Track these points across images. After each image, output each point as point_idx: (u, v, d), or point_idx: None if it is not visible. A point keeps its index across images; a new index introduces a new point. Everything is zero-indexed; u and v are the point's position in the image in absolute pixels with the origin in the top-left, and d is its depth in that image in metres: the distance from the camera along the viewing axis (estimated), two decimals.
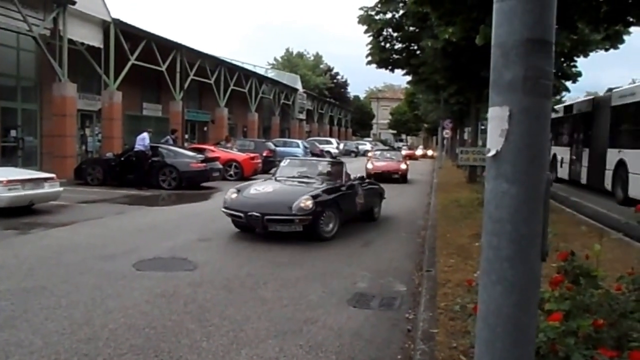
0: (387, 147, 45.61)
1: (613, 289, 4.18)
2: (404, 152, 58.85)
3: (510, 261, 2.24)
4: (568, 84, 24.92)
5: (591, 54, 19.81)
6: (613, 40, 12.56)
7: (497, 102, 2.31)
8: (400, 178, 28.11)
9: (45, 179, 14.76)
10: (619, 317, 3.80)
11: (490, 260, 2.31)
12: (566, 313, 3.48)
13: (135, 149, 21.85)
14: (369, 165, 28.76)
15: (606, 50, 15.44)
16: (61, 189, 15.21)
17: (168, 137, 27.16)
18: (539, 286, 2.47)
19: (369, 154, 37.00)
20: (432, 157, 61.55)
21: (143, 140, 21.88)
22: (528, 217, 2.24)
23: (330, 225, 12.08)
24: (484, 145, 27.08)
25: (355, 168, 21.76)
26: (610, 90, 22.63)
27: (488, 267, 2.32)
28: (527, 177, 2.24)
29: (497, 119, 2.30)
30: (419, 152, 68.81)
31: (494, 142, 2.31)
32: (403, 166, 28.94)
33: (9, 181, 13.26)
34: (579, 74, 24.67)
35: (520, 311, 2.25)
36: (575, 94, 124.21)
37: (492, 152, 2.31)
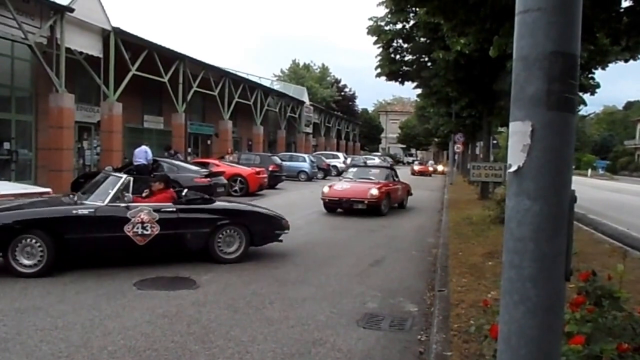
0: (362, 165, 31.87)
1: (637, 312, 4.16)
2: (416, 168, 58.95)
3: (533, 281, 2.25)
4: (585, 96, 24.94)
5: (610, 65, 19.72)
6: (633, 50, 12.52)
7: (518, 117, 2.32)
8: (367, 208, 19.96)
9: (41, 194, 14.70)
10: None
11: (512, 279, 2.31)
12: (588, 336, 3.47)
13: (136, 163, 21.91)
14: (325, 190, 21.14)
15: (626, 61, 15.35)
16: None
17: (174, 151, 27.33)
18: (564, 307, 2.47)
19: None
20: (442, 172, 61.76)
21: (145, 153, 21.98)
22: (551, 235, 2.24)
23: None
24: (496, 160, 27.30)
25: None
26: (629, 103, 22.65)
27: (510, 287, 2.32)
28: (551, 194, 2.24)
29: (518, 134, 2.31)
30: (432, 167, 66.79)
31: (516, 157, 2.32)
32: (373, 192, 20.04)
33: (1, 196, 13.18)
34: (597, 86, 24.65)
35: (544, 333, 2.25)
36: (592, 107, 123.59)
37: (514, 168, 2.32)
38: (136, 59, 29.39)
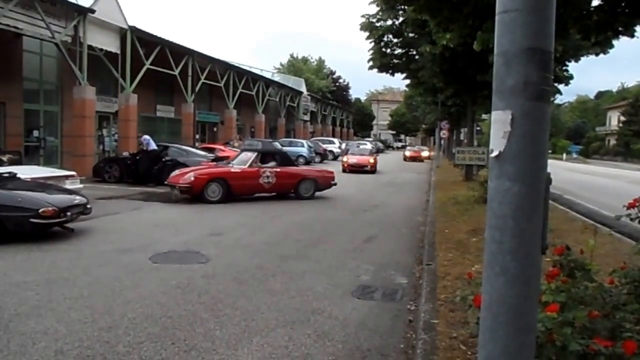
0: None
1: (606, 283, 4.21)
2: (407, 153, 54.84)
3: (512, 254, 2.27)
4: (560, 86, 24.91)
5: (582, 58, 19.71)
6: (603, 45, 12.51)
7: (499, 107, 2.34)
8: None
9: (67, 177, 14.83)
10: (612, 309, 3.83)
11: (494, 253, 2.34)
12: (562, 305, 3.49)
13: (151, 148, 21.99)
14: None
15: (596, 55, 15.33)
16: (81, 185, 15.23)
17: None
18: (540, 278, 2.50)
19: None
20: (428, 157, 55.24)
21: (148, 141, 22.11)
22: (529, 213, 2.27)
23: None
24: (480, 145, 27.35)
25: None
26: (600, 93, 22.72)
27: (492, 260, 2.35)
28: (528, 176, 2.27)
29: (499, 122, 2.33)
30: (425, 153, 57.75)
31: (497, 143, 2.33)
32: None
33: (33, 179, 13.30)
34: (571, 77, 24.65)
35: (522, 301, 2.28)
36: (566, 97, 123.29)
37: (495, 153, 2.34)
38: (150, 54, 29.33)
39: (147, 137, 22.69)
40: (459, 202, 16.68)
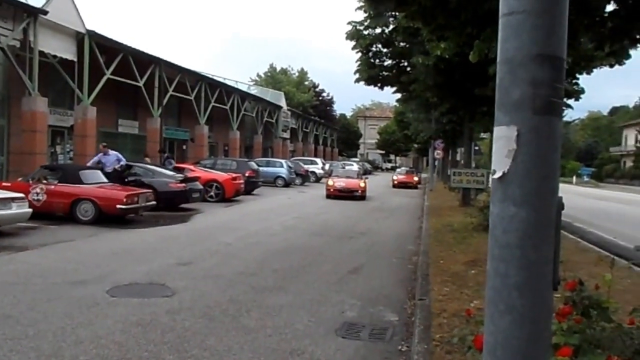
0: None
1: (626, 323, 4.09)
2: (396, 177, 48.89)
3: (519, 290, 2.21)
4: (570, 101, 24.99)
5: (595, 70, 19.61)
6: (618, 55, 12.51)
7: (503, 122, 2.29)
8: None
9: (13, 199, 14.57)
10: (634, 354, 3.75)
11: (498, 288, 2.28)
12: (576, 348, 3.43)
13: (108, 171, 21.78)
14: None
15: (611, 66, 15.31)
16: (30, 209, 15.04)
17: (168, 156, 27.28)
18: (551, 317, 2.44)
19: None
20: (417, 183, 49.37)
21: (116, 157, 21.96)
22: (538, 242, 2.21)
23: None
24: (478, 166, 27.42)
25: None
26: (615, 109, 22.82)
27: (495, 296, 2.29)
28: (537, 200, 2.21)
29: (503, 139, 2.28)
30: (417, 177, 51.44)
31: (501, 163, 2.29)
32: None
33: None
34: (582, 91, 24.66)
35: (531, 344, 2.22)
36: (577, 113, 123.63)
37: (499, 174, 2.29)
38: (111, 63, 29.29)
39: (109, 155, 22.34)
40: (455, 230, 16.69)
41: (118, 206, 16.99)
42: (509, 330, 2.24)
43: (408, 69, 25.36)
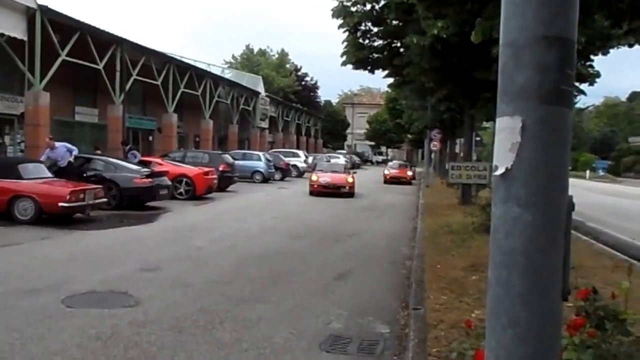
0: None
1: None
2: (388, 172, 49.11)
3: (524, 300, 2.21)
4: (583, 86, 24.90)
5: (612, 50, 19.41)
6: (638, 34, 12.46)
7: (506, 112, 2.29)
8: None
9: None
10: None
11: (500, 299, 2.27)
12: None
13: (61, 165, 21.62)
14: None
15: (630, 46, 15.20)
16: None
17: (132, 148, 27.19)
18: (560, 331, 2.44)
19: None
20: (412, 177, 49.96)
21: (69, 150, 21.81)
22: (545, 247, 2.21)
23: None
24: (480, 159, 27.45)
25: None
26: (634, 94, 22.54)
27: (497, 308, 2.29)
28: (544, 200, 2.21)
29: (506, 131, 2.28)
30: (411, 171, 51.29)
31: (503, 158, 2.28)
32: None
33: None
34: (597, 75, 24.52)
35: None
36: (591, 99, 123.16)
37: (501, 170, 2.28)
38: (66, 43, 29.07)
39: (56, 147, 22.20)
40: (453, 231, 16.73)
41: (60, 204, 16.64)
42: (513, 346, 2.24)
43: (401, 50, 25.35)
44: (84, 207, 17.76)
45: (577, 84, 22.34)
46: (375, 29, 25.39)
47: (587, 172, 77.32)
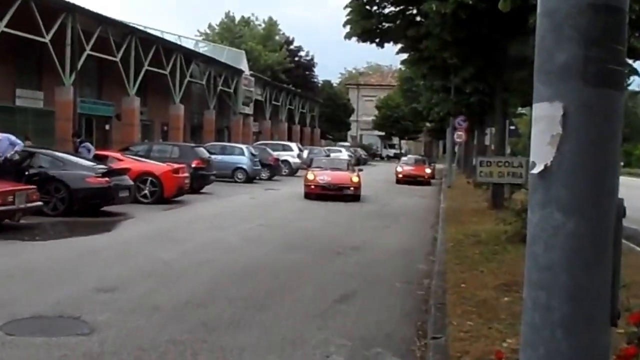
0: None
1: None
2: (401, 169, 48.72)
3: (565, 327, 2.23)
4: (638, 64, 24.88)
5: None
6: None
7: (544, 96, 2.31)
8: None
9: None
10: None
11: (537, 325, 2.30)
12: None
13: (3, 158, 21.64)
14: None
15: None
16: None
17: (84, 140, 27.30)
18: None
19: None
20: (431, 176, 49.93)
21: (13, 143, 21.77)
22: (591, 262, 2.23)
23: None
24: (514, 153, 27.57)
25: None
26: None
27: (533, 336, 2.31)
28: (590, 205, 2.23)
29: (545, 121, 2.30)
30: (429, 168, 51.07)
31: (541, 153, 2.30)
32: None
33: None
34: None
35: None
36: None
37: (539, 168, 2.30)
38: (5, 12, 29.06)
39: (2, 139, 22.28)
40: (482, 242, 16.73)
41: None
42: None
43: (418, 18, 25.27)
44: (13, 212, 17.54)
45: (629, 61, 22.30)
46: None
47: None
